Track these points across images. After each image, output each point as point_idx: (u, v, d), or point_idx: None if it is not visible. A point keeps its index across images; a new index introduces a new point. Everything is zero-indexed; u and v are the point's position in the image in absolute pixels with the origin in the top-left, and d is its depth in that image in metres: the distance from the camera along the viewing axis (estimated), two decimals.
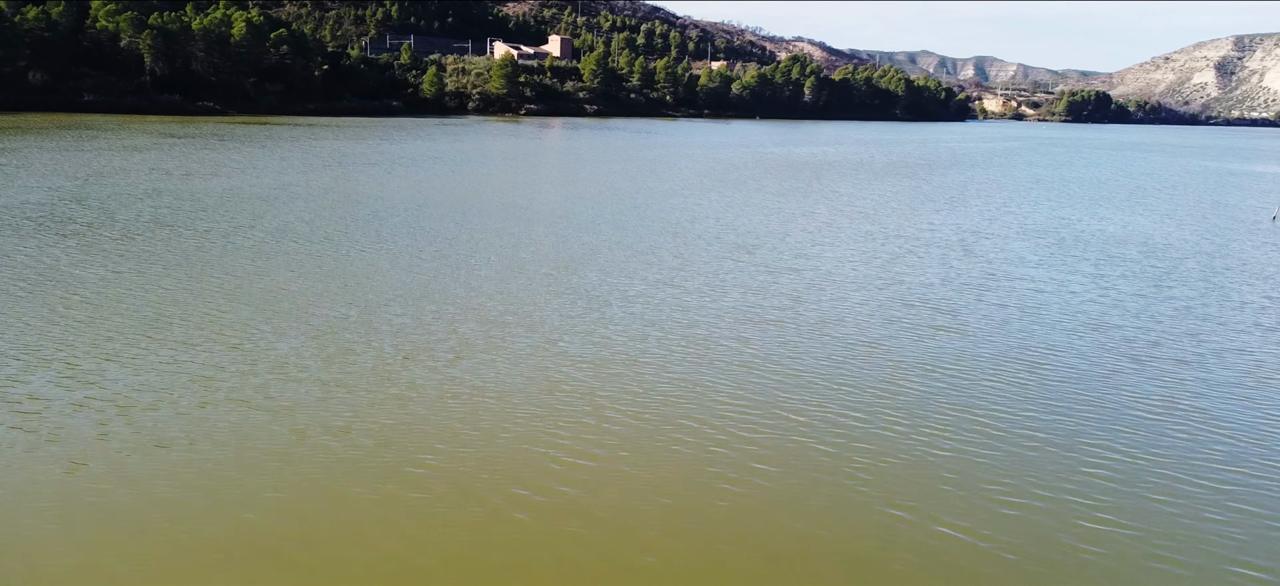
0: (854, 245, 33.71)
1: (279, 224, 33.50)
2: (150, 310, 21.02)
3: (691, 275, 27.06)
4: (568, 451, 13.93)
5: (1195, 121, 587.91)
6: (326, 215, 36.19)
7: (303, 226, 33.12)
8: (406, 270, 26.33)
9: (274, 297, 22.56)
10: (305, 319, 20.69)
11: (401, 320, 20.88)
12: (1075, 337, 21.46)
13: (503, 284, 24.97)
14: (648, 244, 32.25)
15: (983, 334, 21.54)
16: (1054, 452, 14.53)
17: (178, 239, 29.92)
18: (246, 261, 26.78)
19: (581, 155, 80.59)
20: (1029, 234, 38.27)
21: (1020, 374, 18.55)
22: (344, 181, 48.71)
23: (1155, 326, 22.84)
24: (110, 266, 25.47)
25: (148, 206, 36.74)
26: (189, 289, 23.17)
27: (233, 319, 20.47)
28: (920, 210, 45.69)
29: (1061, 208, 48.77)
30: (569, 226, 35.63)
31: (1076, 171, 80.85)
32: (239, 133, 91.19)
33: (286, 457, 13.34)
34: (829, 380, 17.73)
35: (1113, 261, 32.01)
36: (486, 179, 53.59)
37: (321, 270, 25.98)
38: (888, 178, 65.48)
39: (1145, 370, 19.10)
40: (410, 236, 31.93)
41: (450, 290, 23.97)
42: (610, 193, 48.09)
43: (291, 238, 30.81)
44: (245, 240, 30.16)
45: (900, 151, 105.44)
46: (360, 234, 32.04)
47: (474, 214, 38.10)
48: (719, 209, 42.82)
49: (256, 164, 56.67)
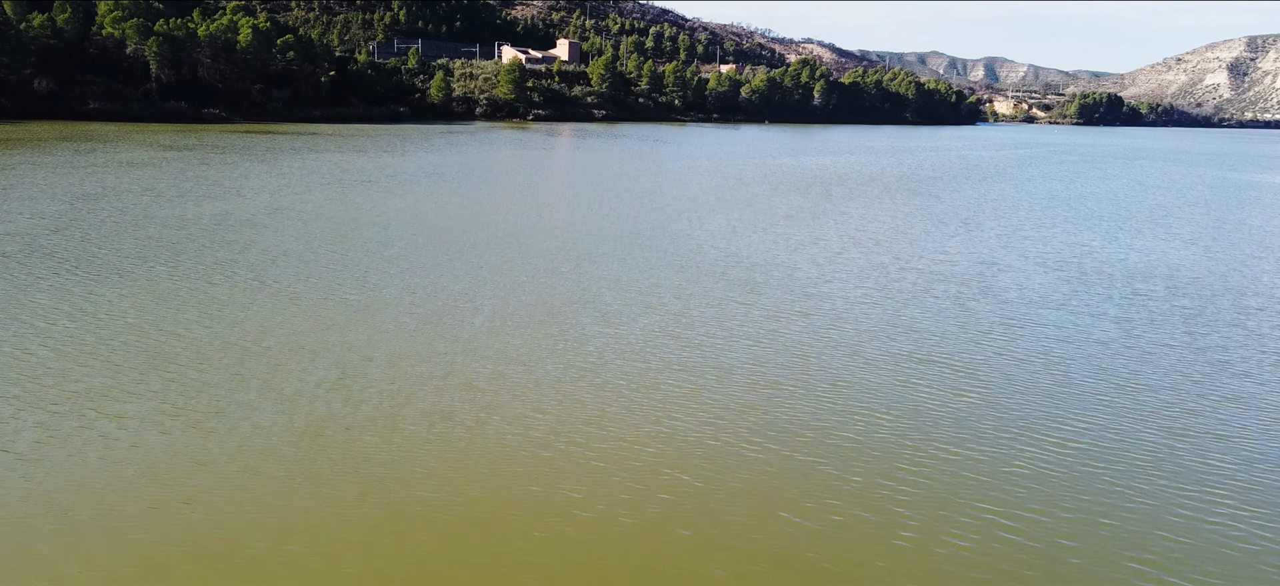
0: (865, 282, 32.19)
1: (262, 260, 32.17)
2: (104, 377, 19.69)
3: (694, 323, 25.59)
4: (556, 530, 12.50)
5: (1208, 124, 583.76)
6: (314, 249, 34.87)
7: (287, 263, 31.79)
8: (391, 319, 24.95)
9: (245, 358, 21.19)
10: (277, 382, 19.31)
11: (380, 384, 19.48)
12: (1105, 404, 19.91)
13: (493, 337, 23.54)
14: (649, 282, 30.81)
15: (1006, 399, 20.01)
16: (1089, 548, 13.02)
17: (154, 280, 28.60)
18: (222, 309, 25.44)
19: (586, 170, 79.22)
20: (1048, 266, 36.67)
21: (1047, 450, 17.03)
22: (338, 203, 47.43)
23: (1190, 387, 21.27)
24: (76, 314, 24.17)
25: (130, 238, 35.47)
26: (153, 349, 21.84)
27: (196, 382, 19.11)
28: (933, 235, 44.12)
29: (1080, 232, 47.12)
30: (568, 260, 34.22)
31: (1092, 185, 79.05)
32: (241, 143, 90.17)
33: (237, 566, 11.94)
34: (839, 464, 16.24)
35: (1139, 302, 30.40)
36: (486, 201, 52.25)
37: (300, 318, 24.62)
38: (899, 194, 63.88)
39: (1182, 447, 17.55)
40: (399, 276, 30.57)
41: (436, 346, 22.56)
42: (613, 218, 46.70)
43: (273, 278, 29.48)
44: (224, 280, 28.83)
45: (912, 162, 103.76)
46: (347, 273, 30.70)
47: (469, 246, 36.74)
48: (725, 237, 41.35)
49: (252, 182, 55.47)
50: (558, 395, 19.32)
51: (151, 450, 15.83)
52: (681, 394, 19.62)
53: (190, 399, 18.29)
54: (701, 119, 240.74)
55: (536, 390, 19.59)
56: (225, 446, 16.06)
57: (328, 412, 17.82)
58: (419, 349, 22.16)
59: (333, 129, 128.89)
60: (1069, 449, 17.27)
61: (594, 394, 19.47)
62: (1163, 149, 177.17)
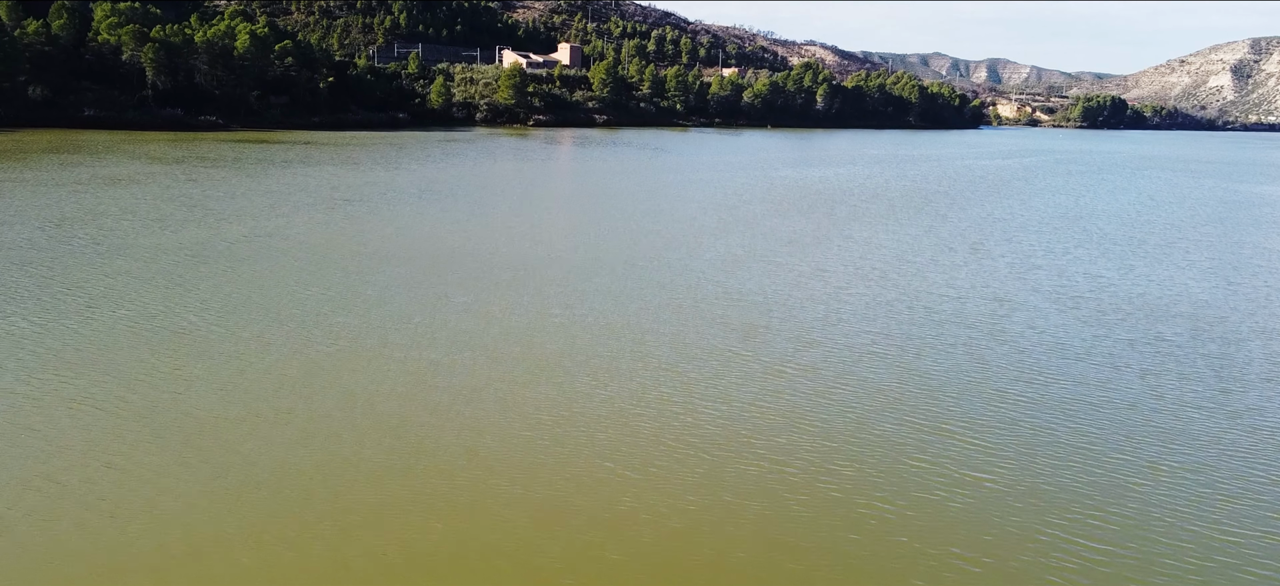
0: (871, 326, 30.40)
1: (232, 303, 30.43)
2: (40, 443, 17.95)
3: (687, 379, 23.82)
4: None
5: (1212, 127, 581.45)
6: (290, 288, 33.14)
7: (257, 309, 30.05)
8: (362, 381, 23.20)
9: (195, 431, 19.45)
10: (225, 452, 17.57)
11: (339, 464, 17.73)
12: (1140, 487, 18.12)
13: (471, 404, 21.78)
14: (644, 325, 29.04)
15: (1025, 481, 18.22)
16: None
17: (108, 333, 26.86)
18: (178, 367, 23.71)
19: (582, 186, 77.51)
20: (1064, 303, 34.84)
21: (1078, 552, 15.25)
22: (322, 229, 45.70)
23: (1231, 459, 19.48)
24: (21, 371, 22.45)
25: (97, 272, 33.76)
26: (89, 423, 20.11)
27: (141, 456, 17.38)
28: (941, 264, 42.33)
29: (1094, 260, 45.29)
30: (558, 299, 32.46)
31: (1101, 201, 77.20)
32: (232, 154, 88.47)
33: None
34: (842, 552, 14.47)
35: (1164, 350, 28.58)
36: (476, 223, 50.54)
37: (258, 379, 22.89)
38: (903, 212, 62.09)
39: (1227, 540, 15.77)
40: (375, 324, 28.82)
41: (411, 414, 20.79)
42: (608, 245, 44.98)
43: (241, 326, 27.75)
44: (188, 328, 27.10)
45: (915, 173, 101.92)
46: (320, 320, 28.95)
47: (454, 282, 35.00)
48: (724, 268, 39.58)
49: (237, 203, 53.77)
50: (536, 477, 17.56)
51: (77, 543, 14.10)
52: (672, 475, 17.85)
53: (129, 486, 16.56)
54: (703, 123, 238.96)
55: (515, 471, 17.83)
56: (171, 531, 14.33)
57: (274, 509, 16.09)
58: (388, 417, 20.41)
59: (330, 137, 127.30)
60: (1101, 541, 15.49)
61: (583, 467, 17.71)
62: (1168, 157, 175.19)
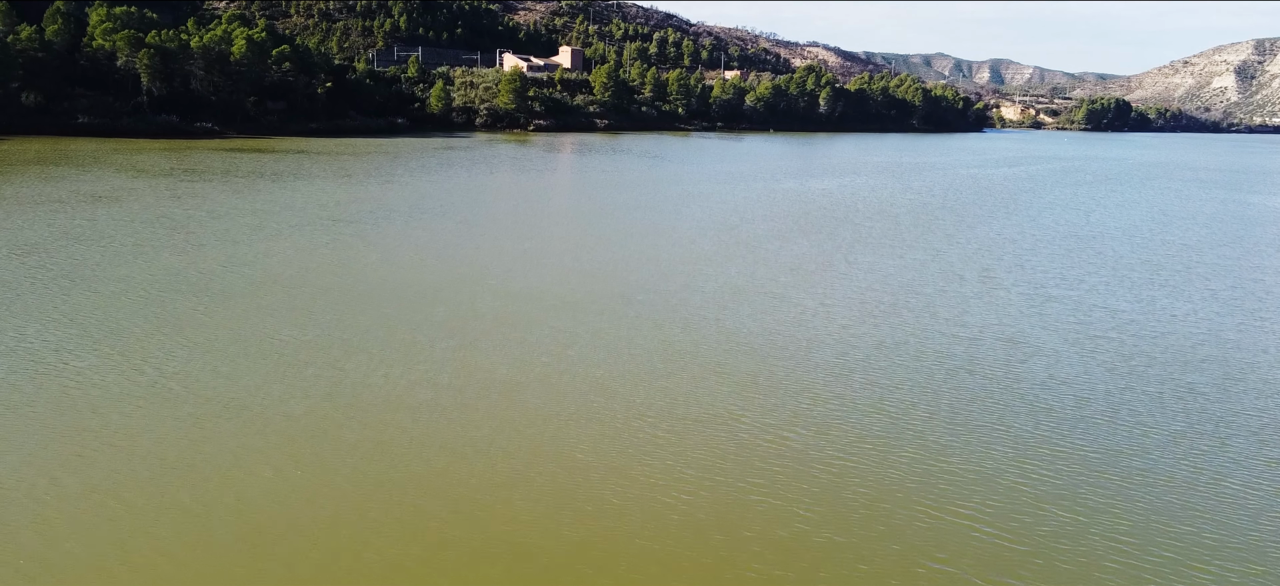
0: (881, 377, 28.48)
1: (197, 348, 28.55)
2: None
3: (682, 451, 21.91)
4: None
5: (1216, 129, 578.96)
6: (261, 331, 31.25)
7: (223, 356, 28.16)
8: (326, 448, 21.31)
9: (138, 522, 17.56)
10: (175, 552, 15.69)
11: (299, 546, 15.84)
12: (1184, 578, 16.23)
13: (437, 491, 19.90)
14: (637, 376, 27.12)
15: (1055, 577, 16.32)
16: None
17: (36, 393, 25.00)
18: (125, 434, 21.85)
19: (579, 201, 75.66)
20: (1084, 346, 32.85)
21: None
22: (304, 256, 43.82)
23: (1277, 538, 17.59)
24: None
25: (55, 314, 31.90)
26: (8, 503, 18.23)
27: (75, 546, 15.51)
28: (950, 295, 40.41)
29: (1112, 292, 43.29)
30: (547, 345, 30.56)
31: (1112, 217, 75.20)
32: (223, 165, 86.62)
33: None
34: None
35: (1194, 406, 26.61)
36: (465, 247, 48.72)
37: (225, 440, 21.01)
38: (910, 231, 60.15)
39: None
40: (350, 374, 26.92)
41: (369, 510, 18.88)
42: (603, 274, 43.15)
43: (202, 380, 25.85)
44: (143, 381, 25.22)
45: (921, 184, 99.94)
46: (292, 370, 27.06)
47: (437, 322, 33.14)
48: (723, 303, 37.67)
49: (219, 224, 51.94)
50: (517, 562, 15.68)
51: None
52: (661, 563, 15.96)
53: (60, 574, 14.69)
54: (705, 128, 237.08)
55: (494, 551, 15.94)
56: None
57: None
58: (354, 498, 18.52)
59: (325, 145, 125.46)
60: None
61: (564, 555, 15.81)
62: (1175, 164, 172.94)
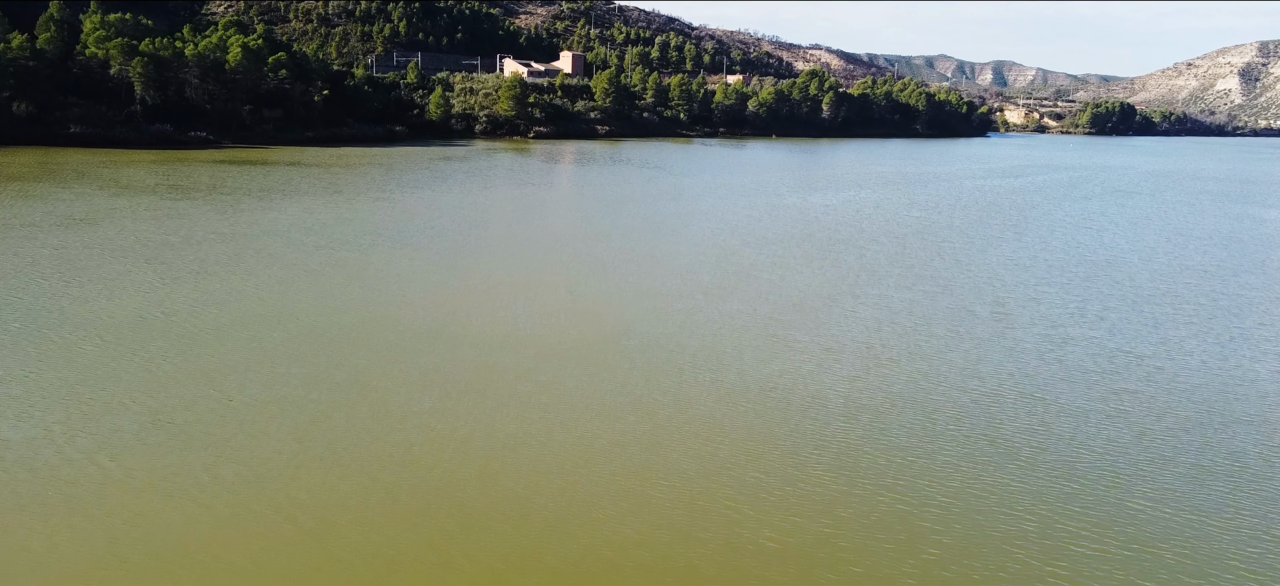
0: (891, 443, 26.51)
1: (140, 423, 26.59)
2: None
3: (660, 559, 19.95)
4: None
5: (1221, 132, 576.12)
6: (217, 389, 29.30)
7: (168, 426, 26.19)
8: (258, 543, 19.35)
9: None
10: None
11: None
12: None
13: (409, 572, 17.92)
14: (620, 447, 25.14)
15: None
16: None
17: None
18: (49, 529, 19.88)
19: (574, 221, 73.73)
20: (1109, 401, 30.81)
21: None
22: (279, 294, 41.88)
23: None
24: None
25: (3, 364, 30.01)
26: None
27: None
28: (963, 337, 38.46)
29: (1135, 332, 41.24)
30: (528, 408, 28.60)
31: (1126, 238, 73.12)
32: (211, 181, 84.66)
33: None
34: None
35: (1242, 480, 24.62)
36: (452, 282, 46.81)
37: (137, 547, 19.05)
38: (918, 254, 58.20)
39: None
40: (318, 445, 24.95)
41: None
42: (592, 314, 41.30)
43: (133, 463, 23.89)
44: (51, 478, 23.25)
45: (927, 199, 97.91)
46: (249, 441, 25.09)
47: (415, 376, 31.20)
48: (721, 349, 35.74)
49: (196, 250, 50.04)
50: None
51: None
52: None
53: None
54: (707, 133, 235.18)
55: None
56: None
57: None
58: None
59: (320, 155, 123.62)
60: None
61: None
62: (1184, 173, 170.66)
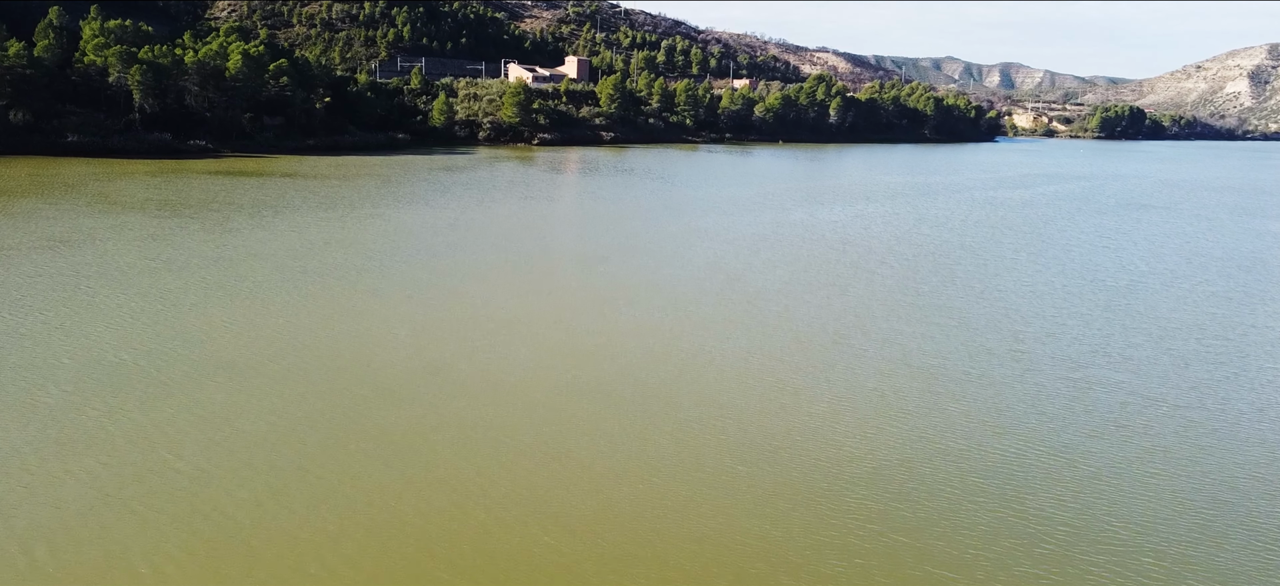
0: (908, 538, 24.55)
1: (74, 504, 24.74)
2: None
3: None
4: None
5: (1231, 136, 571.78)
6: (162, 467, 27.46)
7: (95, 521, 24.32)
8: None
9: None
10: None
11: None
12: None
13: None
14: (601, 538, 23.25)
15: None
16: None
17: None
18: None
19: (573, 240, 71.86)
20: (1148, 467, 28.82)
21: None
22: (251, 333, 40.06)
23: None
24: None
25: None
26: None
27: None
28: (981, 382, 36.52)
29: (1164, 377, 39.21)
30: (503, 488, 26.74)
31: (1144, 259, 70.98)
32: (201, 196, 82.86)
33: None
34: None
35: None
36: (434, 317, 44.98)
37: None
38: (928, 281, 56.27)
39: None
40: (261, 532, 23.08)
41: None
42: (582, 357, 39.47)
43: (51, 560, 22.05)
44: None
45: (936, 214, 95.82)
46: (191, 528, 23.26)
47: (385, 444, 29.33)
48: (720, 400, 33.87)
49: (172, 280, 48.24)
50: None
51: None
52: None
53: None
54: (713, 139, 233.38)
55: None
56: None
57: None
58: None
59: (318, 165, 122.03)
60: None
61: None
62: (1199, 182, 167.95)
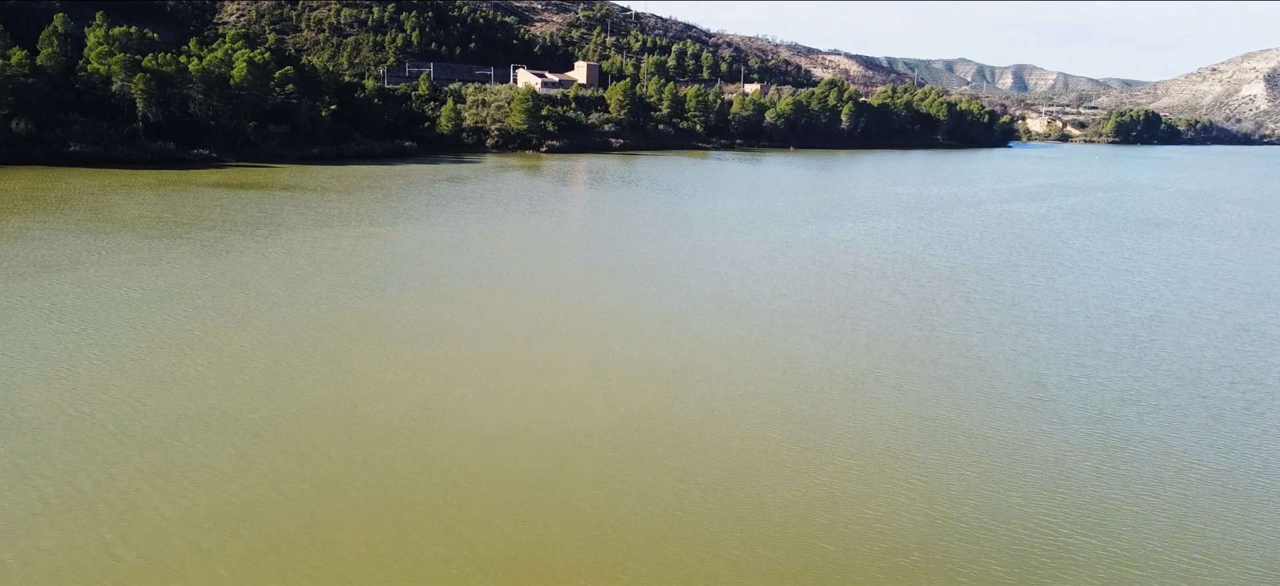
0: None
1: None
2: None
3: None
4: None
5: (1247, 140, 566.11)
6: (109, 556, 25.51)
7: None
8: None
9: None
10: None
11: None
12: None
13: None
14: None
15: None
16: None
17: None
18: None
19: (576, 261, 69.84)
20: (1189, 547, 26.56)
21: None
22: (225, 377, 38.18)
23: None
24: None
25: None
26: None
27: None
28: (1001, 438, 34.30)
29: (1198, 429, 36.97)
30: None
31: (1167, 286, 68.54)
32: (196, 212, 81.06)
33: None
34: None
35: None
36: (419, 367, 42.99)
37: None
38: (943, 313, 54.08)
39: None
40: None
41: None
42: (574, 413, 37.44)
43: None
44: None
45: (948, 231, 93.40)
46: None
47: (355, 520, 27.28)
48: (727, 466, 31.73)
49: (150, 314, 46.47)
50: None
51: None
52: None
53: None
54: (724, 145, 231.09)
55: None
56: None
57: None
58: None
59: (322, 175, 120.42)
60: None
61: None
62: (1219, 193, 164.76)
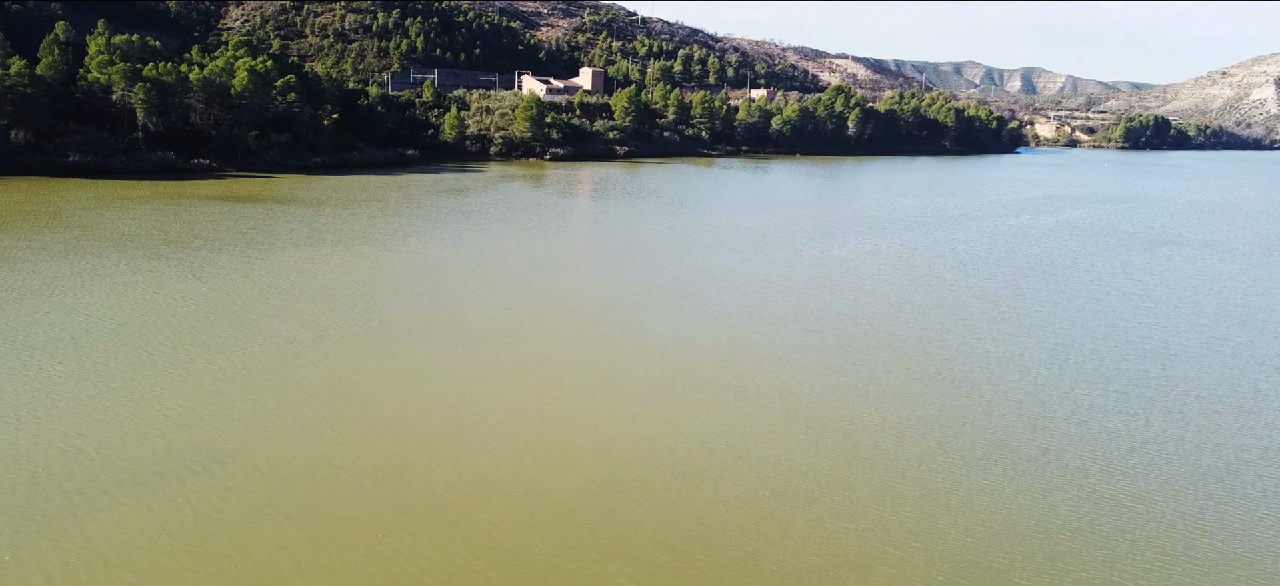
0: None
1: None
2: None
3: None
4: None
5: (1258, 145, 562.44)
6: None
7: None
8: None
9: None
10: None
11: None
12: None
13: None
14: None
15: None
16: None
17: None
18: None
19: (571, 286, 68.35)
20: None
21: None
22: (190, 422, 36.75)
23: None
24: None
25: None
26: None
27: None
28: (1006, 489, 32.68)
29: (1212, 495, 35.26)
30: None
31: (1181, 315, 66.76)
32: (185, 229, 79.76)
33: None
34: None
35: None
36: (394, 419, 41.52)
37: None
38: (947, 343, 52.49)
39: None
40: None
41: None
42: (561, 465, 35.84)
43: None
44: None
45: (954, 249, 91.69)
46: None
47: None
48: (710, 531, 30.19)
49: (119, 350, 45.14)
50: None
51: None
52: None
53: None
54: (730, 152, 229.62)
55: None
56: None
57: None
58: None
59: (320, 187, 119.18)
60: None
61: None
62: (1230, 205, 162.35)
